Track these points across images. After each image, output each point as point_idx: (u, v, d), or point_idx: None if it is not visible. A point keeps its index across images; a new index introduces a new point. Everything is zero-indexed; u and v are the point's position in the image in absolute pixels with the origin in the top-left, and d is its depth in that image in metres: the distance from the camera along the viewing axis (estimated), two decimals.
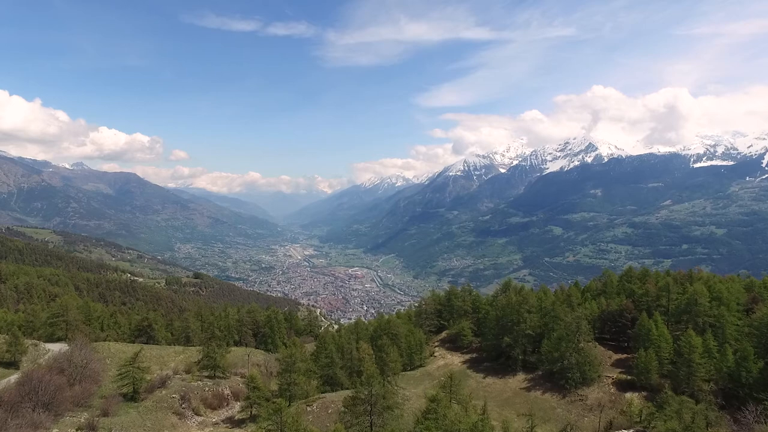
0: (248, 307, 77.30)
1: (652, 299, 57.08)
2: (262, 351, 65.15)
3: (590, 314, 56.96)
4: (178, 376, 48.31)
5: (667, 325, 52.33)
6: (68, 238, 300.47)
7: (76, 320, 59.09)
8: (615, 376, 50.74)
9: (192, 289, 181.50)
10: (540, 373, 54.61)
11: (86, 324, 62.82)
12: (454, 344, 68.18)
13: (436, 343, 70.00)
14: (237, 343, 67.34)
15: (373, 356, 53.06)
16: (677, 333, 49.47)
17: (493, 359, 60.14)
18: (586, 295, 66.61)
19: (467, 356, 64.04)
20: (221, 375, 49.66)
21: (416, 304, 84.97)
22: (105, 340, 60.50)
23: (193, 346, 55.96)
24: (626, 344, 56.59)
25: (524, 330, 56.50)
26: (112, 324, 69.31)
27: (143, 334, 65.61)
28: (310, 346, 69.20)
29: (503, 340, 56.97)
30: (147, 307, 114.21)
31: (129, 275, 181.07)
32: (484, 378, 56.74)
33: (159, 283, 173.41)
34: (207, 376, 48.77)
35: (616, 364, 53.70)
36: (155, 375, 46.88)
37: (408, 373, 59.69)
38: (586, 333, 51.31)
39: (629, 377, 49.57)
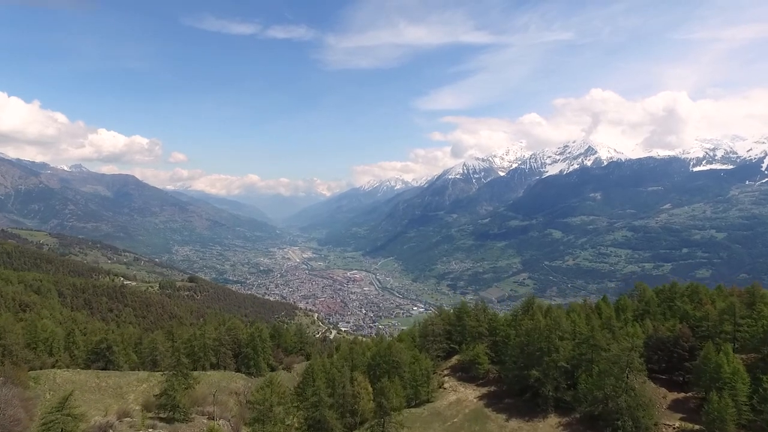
0: (229, 324, 64.99)
1: (713, 324, 47.24)
2: (243, 375, 58.67)
3: (632, 336, 46.55)
4: (127, 419, 38.96)
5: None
6: (64, 240, 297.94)
7: (15, 344, 49.36)
8: (677, 424, 40.94)
9: (186, 293, 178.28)
10: (577, 416, 44.49)
11: (30, 348, 53.52)
12: (466, 373, 58.06)
13: (446, 372, 60.23)
14: (215, 366, 59.47)
15: (371, 392, 46.66)
16: (754, 369, 40.04)
17: (517, 394, 49.83)
18: (625, 316, 56.54)
19: (484, 389, 54.08)
20: (182, 417, 40.67)
21: (420, 323, 74.33)
22: (54, 367, 51.27)
23: (160, 371, 47.86)
24: (682, 379, 47.03)
25: (557, 361, 45.86)
26: (70, 345, 58.87)
27: (101, 358, 55.30)
28: (301, 366, 62.10)
29: (530, 373, 46.55)
30: (135, 314, 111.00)
31: (122, 279, 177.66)
32: (507, 421, 46.78)
33: (153, 287, 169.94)
34: (164, 419, 40.20)
35: (675, 406, 44.14)
36: (93, 422, 36.87)
37: (413, 410, 50.59)
38: (639, 369, 41.00)
39: (696, 427, 38.90)
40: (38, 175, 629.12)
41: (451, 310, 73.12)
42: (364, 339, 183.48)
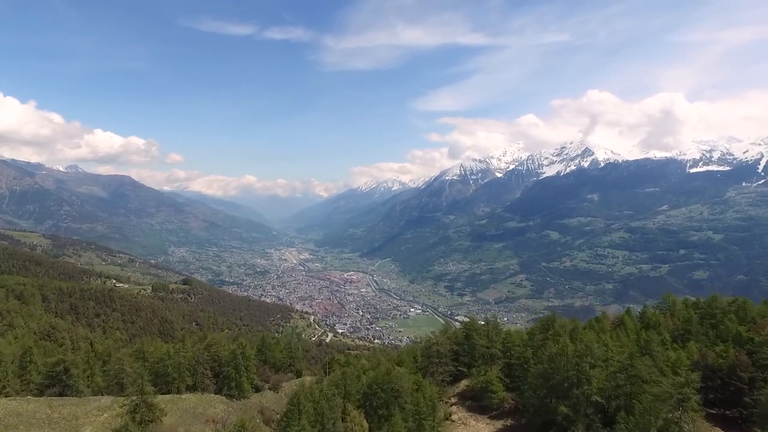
0: (208, 340, 57.40)
1: None
2: (224, 399, 51.51)
3: (676, 363, 39.89)
4: None
5: None
6: (57, 241, 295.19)
7: None
8: None
9: (180, 296, 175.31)
10: None
11: None
12: (477, 402, 49.61)
13: (453, 400, 52.02)
14: (191, 388, 52.16)
15: (367, 429, 41.09)
16: None
17: (539, 430, 41.69)
18: (662, 337, 48.21)
19: (499, 423, 45.61)
20: None
21: (421, 340, 65.48)
22: (1, 394, 44.97)
23: (127, 396, 41.72)
24: (739, 415, 39.75)
25: (589, 395, 38.21)
26: (26, 366, 50.46)
27: (57, 383, 47.59)
28: (290, 385, 56.32)
29: (557, 408, 38.96)
30: (124, 319, 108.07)
31: (114, 281, 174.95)
32: None
33: (145, 289, 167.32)
34: None
35: None
36: None
37: None
38: (695, 409, 33.19)
39: None
40: (33, 176, 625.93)
41: (458, 326, 65.45)
42: (357, 348, 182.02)
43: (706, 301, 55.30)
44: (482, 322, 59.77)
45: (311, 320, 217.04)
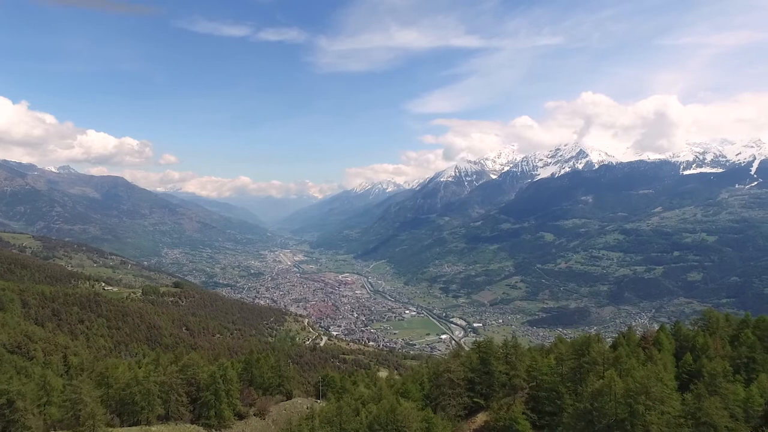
0: (185, 361, 49.27)
1: None
2: (201, 430, 45.67)
3: (748, 404, 32.65)
4: None
5: None
6: (48, 243, 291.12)
7: None
8: None
9: (170, 299, 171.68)
10: None
11: None
12: None
13: None
14: (164, 418, 45.22)
15: None
16: None
17: None
18: (720, 367, 37.91)
19: None
20: None
21: (431, 366, 57.39)
22: None
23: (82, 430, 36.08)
24: None
25: None
26: None
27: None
28: (278, 409, 50.48)
29: None
30: (109, 325, 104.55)
31: (103, 284, 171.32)
32: None
33: (135, 293, 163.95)
34: None
35: None
36: None
37: None
38: None
39: None
40: (25, 177, 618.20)
41: (471, 349, 55.70)
42: (352, 352, 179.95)
43: (755, 321, 47.59)
44: (498, 342, 52.10)
45: (305, 323, 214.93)
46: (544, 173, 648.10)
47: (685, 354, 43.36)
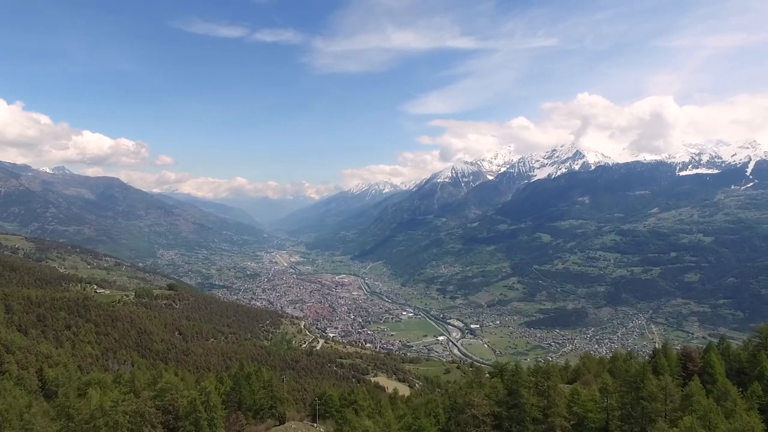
0: (161, 385, 41.67)
1: None
2: None
3: None
4: None
5: None
6: (41, 244, 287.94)
7: None
8: None
9: (164, 302, 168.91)
10: None
11: None
12: None
13: None
14: None
15: None
16: None
17: None
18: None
19: None
20: None
21: (448, 393, 50.66)
22: None
23: None
24: None
25: None
26: None
27: None
28: None
29: None
30: (97, 331, 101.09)
31: (95, 287, 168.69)
32: None
33: (128, 296, 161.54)
34: None
35: None
36: None
37: None
38: None
39: None
40: (19, 177, 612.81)
41: (493, 378, 47.44)
42: (350, 356, 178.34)
43: None
44: (528, 370, 44.94)
45: (302, 326, 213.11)
46: (540, 174, 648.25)
47: (736, 378, 37.84)
